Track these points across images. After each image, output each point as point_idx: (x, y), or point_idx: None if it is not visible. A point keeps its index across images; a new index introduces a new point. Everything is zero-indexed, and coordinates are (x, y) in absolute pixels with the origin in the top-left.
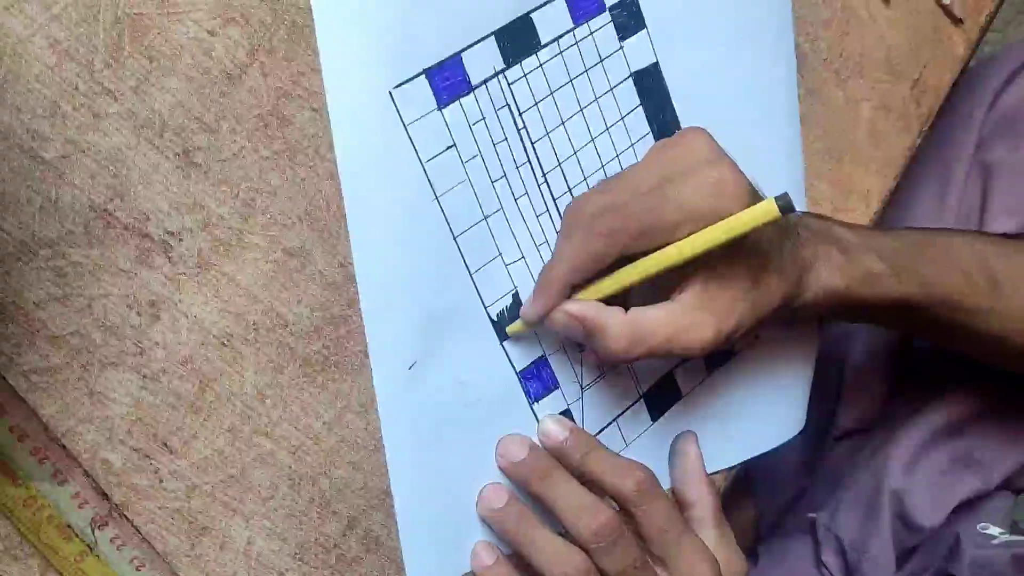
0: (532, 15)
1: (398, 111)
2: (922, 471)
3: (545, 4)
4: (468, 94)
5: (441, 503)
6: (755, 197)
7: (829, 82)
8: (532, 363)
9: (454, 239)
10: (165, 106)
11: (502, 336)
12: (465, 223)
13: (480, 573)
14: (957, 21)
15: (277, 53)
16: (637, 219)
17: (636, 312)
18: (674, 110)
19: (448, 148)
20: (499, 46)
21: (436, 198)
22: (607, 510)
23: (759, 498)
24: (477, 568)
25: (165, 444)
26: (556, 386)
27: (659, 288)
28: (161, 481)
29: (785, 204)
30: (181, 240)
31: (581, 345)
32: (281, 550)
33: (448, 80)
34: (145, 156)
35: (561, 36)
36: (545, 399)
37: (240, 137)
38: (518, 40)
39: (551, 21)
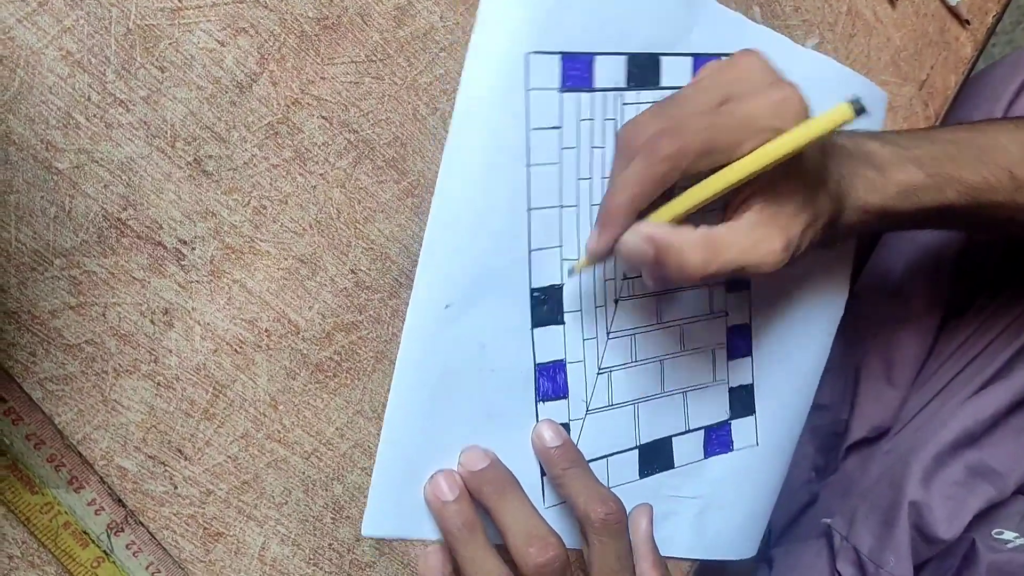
0: (661, 57)
1: (527, 73)
2: (939, 483)
3: (675, 54)
4: (588, 92)
5: (423, 456)
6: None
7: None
8: (552, 362)
9: (528, 210)
10: (176, 116)
11: (536, 321)
12: (543, 201)
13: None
14: (964, 22)
15: (287, 62)
16: (699, 139)
17: (706, 229)
18: None
19: (554, 128)
20: (627, 68)
21: (528, 165)
22: (558, 546)
23: None
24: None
25: (179, 451)
26: (565, 395)
27: (712, 218)
28: (175, 487)
29: (859, 106)
30: (193, 248)
31: (600, 368)
32: (295, 555)
33: (577, 71)
34: (157, 165)
35: (678, 85)
36: (551, 403)
37: (251, 145)
38: (644, 71)
39: (674, 69)
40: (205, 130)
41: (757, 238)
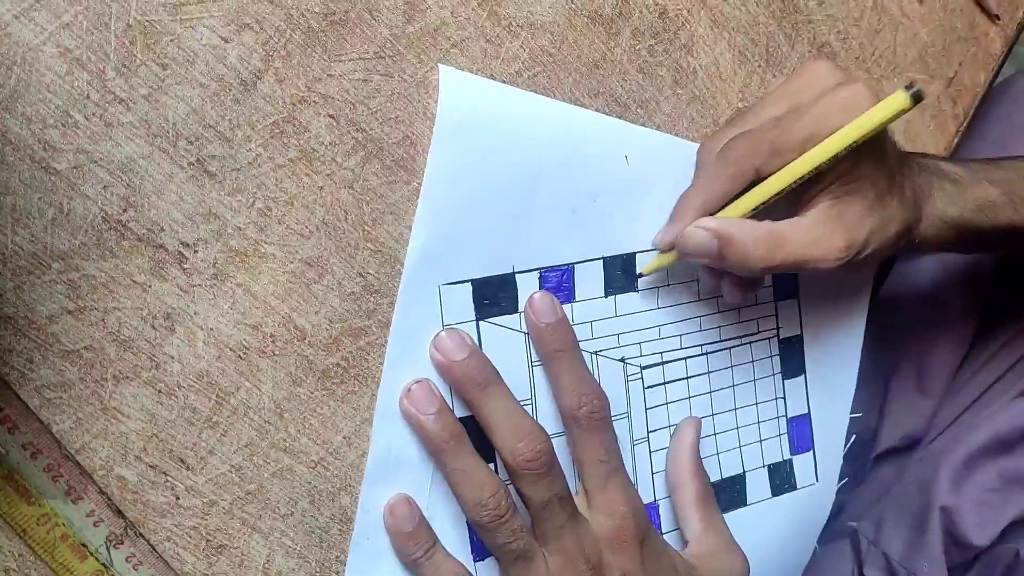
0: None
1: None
2: (970, 488)
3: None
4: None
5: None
6: None
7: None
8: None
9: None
10: (179, 114)
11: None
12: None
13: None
14: (993, 18)
15: (292, 59)
16: (768, 140)
17: (769, 223)
18: None
19: None
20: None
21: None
22: (546, 440)
23: None
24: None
25: (181, 460)
26: None
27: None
28: (177, 498)
29: (915, 93)
30: (196, 251)
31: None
32: (301, 568)
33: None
34: (159, 166)
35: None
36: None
37: (255, 145)
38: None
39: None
40: (208, 129)
41: (820, 234)
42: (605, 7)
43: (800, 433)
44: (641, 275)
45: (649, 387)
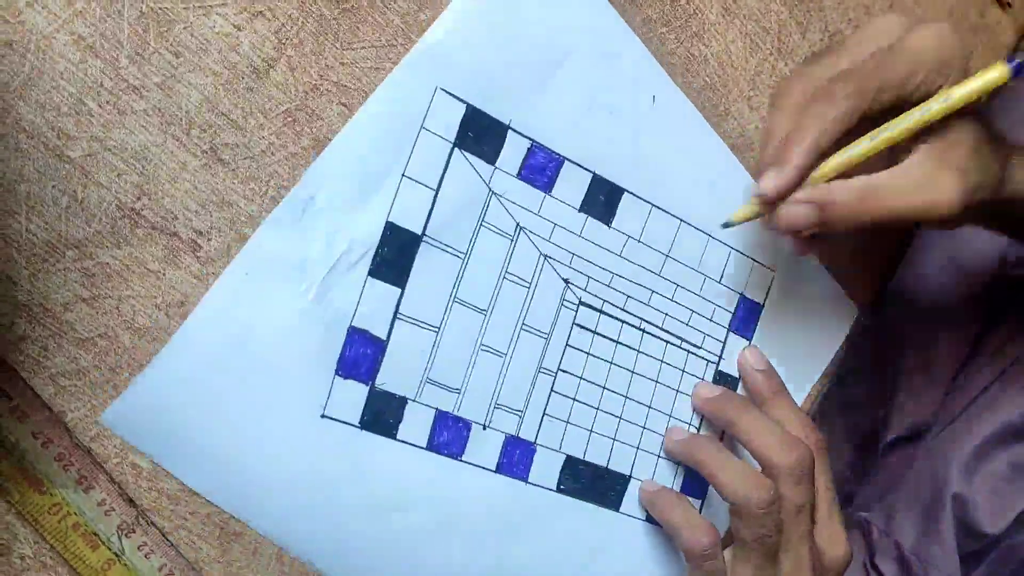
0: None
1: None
2: (981, 476)
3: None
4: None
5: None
6: (967, 53)
7: None
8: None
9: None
10: (192, 102)
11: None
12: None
13: (652, 499)
14: (1005, 6)
15: (305, 47)
16: (875, 75)
17: (865, 178)
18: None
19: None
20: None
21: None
22: (805, 445)
23: None
24: (646, 493)
25: None
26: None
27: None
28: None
29: (1017, 64)
30: (209, 239)
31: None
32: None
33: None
34: (172, 154)
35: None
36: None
37: (268, 133)
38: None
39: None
40: (221, 117)
41: (928, 178)
42: None
43: (697, 479)
44: (729, 224)
45: (578, 325)
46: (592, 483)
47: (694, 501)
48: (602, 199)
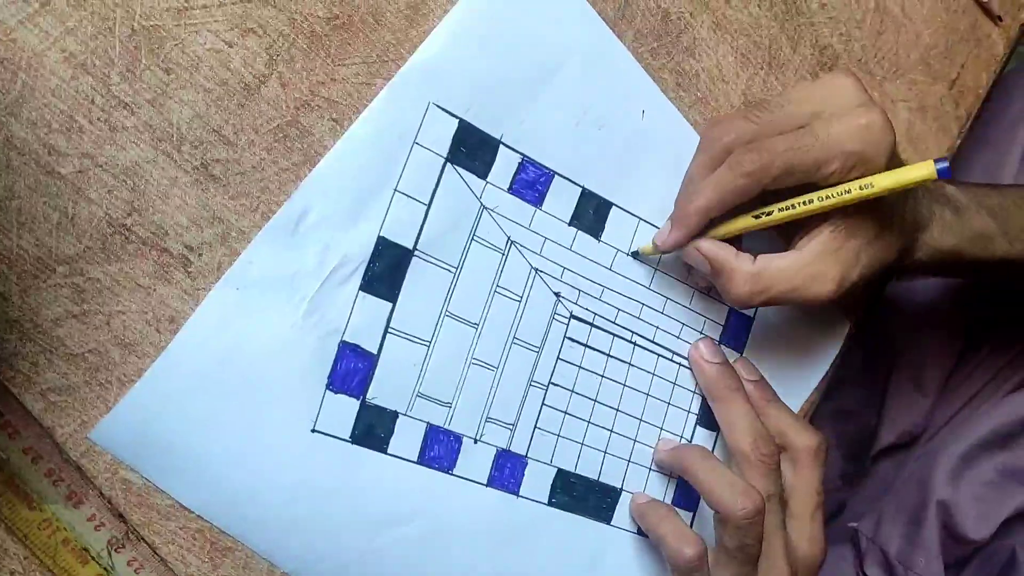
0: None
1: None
2: (967, 482)
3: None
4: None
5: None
6: (895, 148)
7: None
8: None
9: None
10: (183, 118)
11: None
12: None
13: (642, 511)
14: (996, 19)
15: (295, 63)
16: (783, 159)
17: (764, 261)
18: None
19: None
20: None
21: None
22: (756, 494)
23: None
24: (636, 505)
25: None
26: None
27: (780, 229)
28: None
29: (943, 167)
30: (200, 255)
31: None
32: None
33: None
34: (163, 170)
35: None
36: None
37: (259, 149)
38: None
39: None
40: (212, 133)
41: (814, 272)
42: (607, 10)
43: (688, 492)
44: (636, 253)
45: (569, 338)
46: (584, 496)
47: (685, 514)
48: (591, 213)
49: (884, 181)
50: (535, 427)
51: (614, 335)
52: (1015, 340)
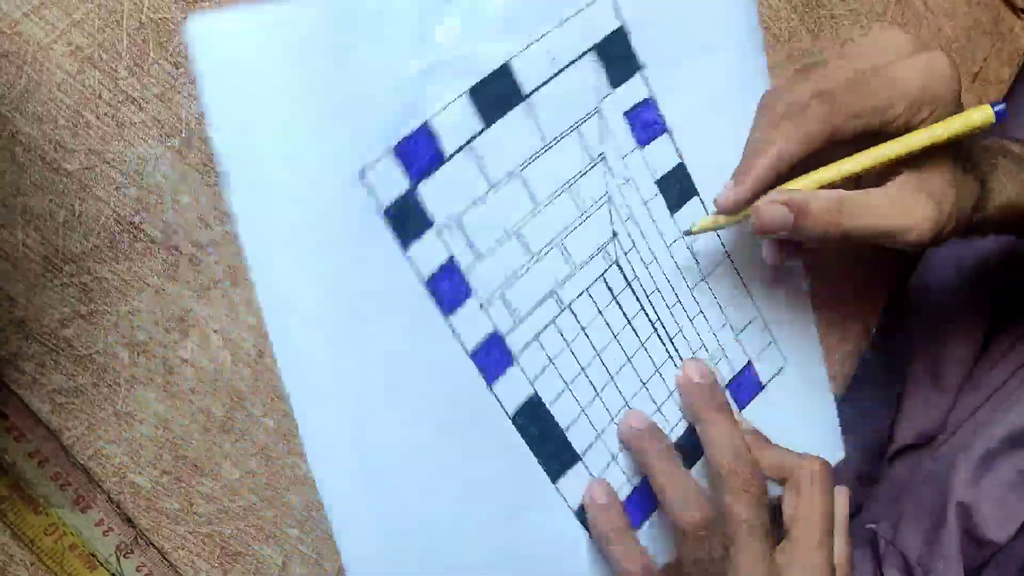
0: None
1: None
2: (988, 483)
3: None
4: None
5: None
6: (959, 86)
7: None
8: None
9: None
10: (192, 114)
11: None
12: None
13: (594, 514)
14: (1018, 12)
15: None
16: (849, 101)
17: (843, 192)
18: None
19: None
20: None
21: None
22: (707, 507)
23: None
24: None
25: (196, 466)
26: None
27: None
28: (191, 504)
29: (1000, 109)
30: (210, 253)
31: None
32: (318, 575)
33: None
34: (172, 166)
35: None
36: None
37: None
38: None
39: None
40: None
41: (906, 204)
42: None
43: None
44: (690, 232)
45: (604, 280)
46: (543, 438)
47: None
48: (677, 187)
49: (944, 129)
50: (536, 337)
51: (642, 309)
52: None
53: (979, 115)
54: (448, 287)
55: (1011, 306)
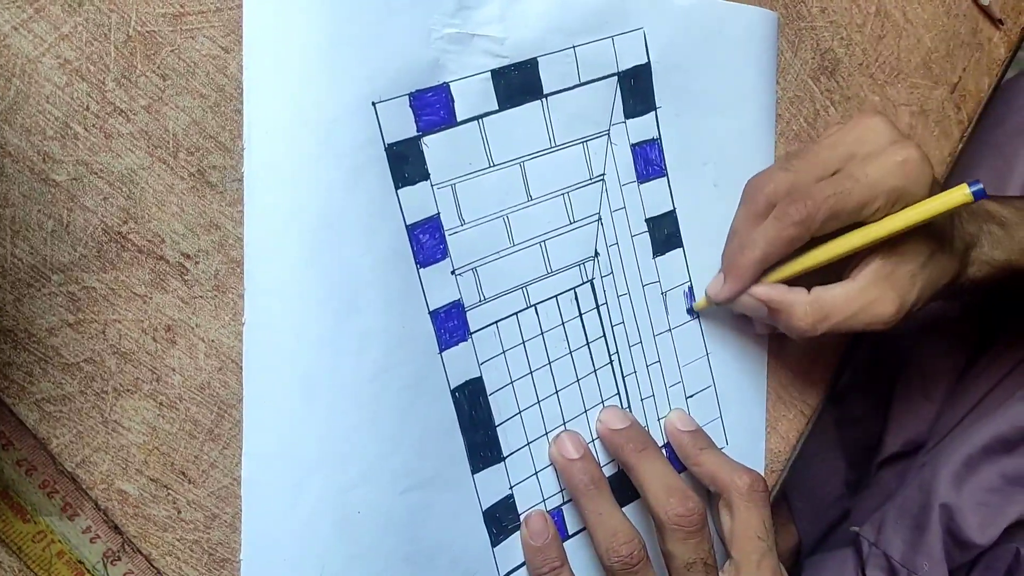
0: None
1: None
2: (970, 487)
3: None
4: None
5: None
6: (934, 178)
7: (865, 87)
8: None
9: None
10: (179, 125)
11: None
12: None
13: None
14: (997, 23)
15: None
16: (827, 205)
17: (819, 291)
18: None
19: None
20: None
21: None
22: (696, 498)
23: (801, 523)
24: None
25: (183, 473)
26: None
27: (833, 266)
28: (179, 512)
29: (978, 190)
30: (197, 262)
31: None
32: None
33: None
34: (159, 177)
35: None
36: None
37: None
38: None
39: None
40: (209, 140)
41: (872, 298)
42: None
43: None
44: (691, 311)
45: (575, 291)
46: (476, 425)
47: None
48: (665, 232)
49: (921, 212)
50: (496, 322)
51: (603, 334)
52: (1020, 347)
53: (958, 195)
54: (428, 241)
55: (998, 319)
